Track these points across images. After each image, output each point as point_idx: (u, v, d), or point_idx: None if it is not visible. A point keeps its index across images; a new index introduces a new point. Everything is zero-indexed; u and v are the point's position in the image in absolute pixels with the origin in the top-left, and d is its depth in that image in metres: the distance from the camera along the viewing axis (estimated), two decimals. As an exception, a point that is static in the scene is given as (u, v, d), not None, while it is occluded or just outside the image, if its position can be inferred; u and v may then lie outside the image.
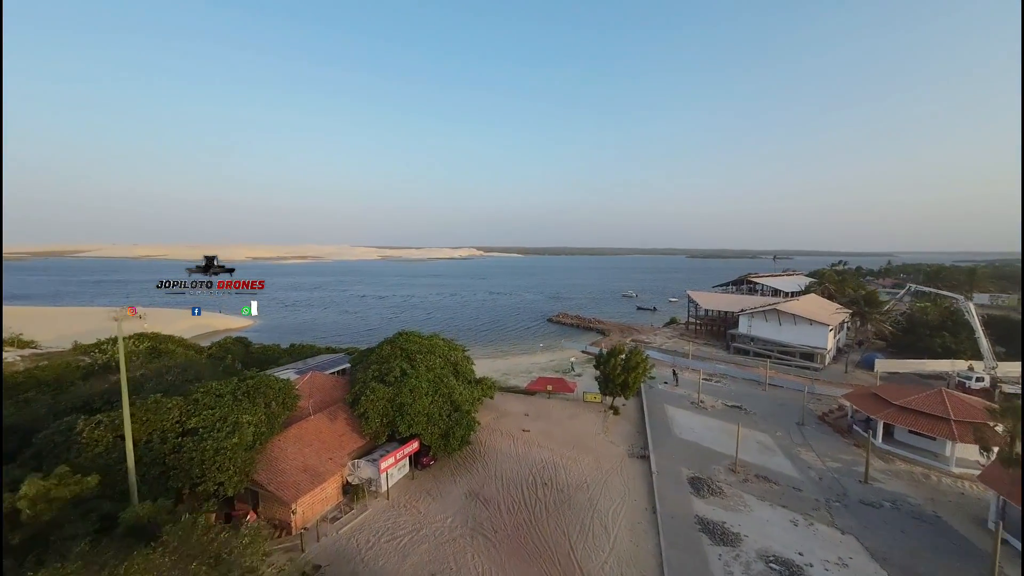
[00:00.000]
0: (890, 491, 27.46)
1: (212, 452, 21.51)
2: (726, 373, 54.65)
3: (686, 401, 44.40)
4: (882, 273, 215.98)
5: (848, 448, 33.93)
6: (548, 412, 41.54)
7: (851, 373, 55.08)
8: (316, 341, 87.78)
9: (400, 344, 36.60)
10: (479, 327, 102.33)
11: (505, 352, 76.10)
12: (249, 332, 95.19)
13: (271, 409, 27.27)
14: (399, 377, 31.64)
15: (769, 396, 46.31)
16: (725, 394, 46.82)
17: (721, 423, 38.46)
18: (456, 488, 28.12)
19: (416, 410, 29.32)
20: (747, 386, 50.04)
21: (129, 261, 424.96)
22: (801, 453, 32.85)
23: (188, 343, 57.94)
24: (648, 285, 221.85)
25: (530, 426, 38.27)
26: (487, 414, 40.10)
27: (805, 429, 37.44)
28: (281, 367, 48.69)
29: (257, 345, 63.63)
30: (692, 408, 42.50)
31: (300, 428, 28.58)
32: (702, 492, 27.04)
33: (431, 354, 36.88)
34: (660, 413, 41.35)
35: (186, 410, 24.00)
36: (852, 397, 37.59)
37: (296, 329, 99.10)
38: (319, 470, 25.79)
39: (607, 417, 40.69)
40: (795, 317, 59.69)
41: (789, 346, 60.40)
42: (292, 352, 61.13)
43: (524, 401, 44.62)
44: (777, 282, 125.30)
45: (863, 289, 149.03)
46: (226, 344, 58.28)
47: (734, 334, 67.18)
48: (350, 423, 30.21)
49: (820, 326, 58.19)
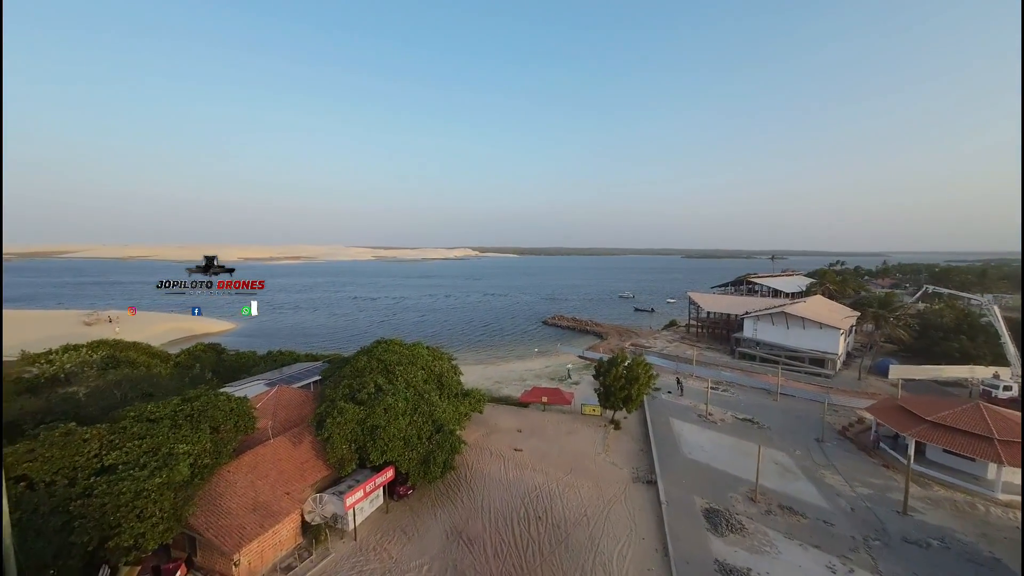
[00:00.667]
0: (935, 525, 24.00)
1: (131, 495, 17.56)
2: (733, 381, 51.22)
3: (692, 414, 40.84)
4: (879, 273, 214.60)
5: (876, 469, 30.49)
6: (543, 427, 37.82)
7: (864, 380, 51.84)
8: (300, 346, 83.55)
9: (378, 355, 32.76)
10: (472, 330, 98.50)
11: (498, 358, 72.33)
12: (231, 336, 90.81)
13: (219, 434, 23.38)
14: (373, 394, 27.80)
15: (781, 407, 42.87)
16: (734, 405, 43.34)
17: (733, 440, 34.91)
18: (436, 524, 24.31)
19: (391, 433, 25.47)
20: (756, 396, 46.58)
21: (118, 262, 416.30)
22: (826, 476, 29.34)
23: (155, 351, 53.60)
24: (645, 286, 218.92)
25: (523, 444, 34.53)
26: (475, 430, 36.34)
27: (826, 446, 33.99)
28: (253, 377, 44.66)
29: (232, 352, 59.45)
30: (700, 422, 38.94)
31: (256, 455, 24.68)
32: (720, 528, 23.42)
33: (412, 365, 33.09)
34: (665, 428, 37.75)
35: (108, 441, 20.03)
36: (877, 410, 34.19)
37: (281, 333, 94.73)
38: (273, 508, 21.88)
39: (607, 433, 37.04)
40: (804, 320, 56.43)
41: (798, 351, 57.13)
42: (270, 359, 57.00)
43: (517, 414, 40.87)
44: (777, 282, 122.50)
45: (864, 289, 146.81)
46: (196, 351, 54.00)
47: (739, 338, 63.86)
48: (317, 447, 26.32)
49: (831, 330, 54.97)
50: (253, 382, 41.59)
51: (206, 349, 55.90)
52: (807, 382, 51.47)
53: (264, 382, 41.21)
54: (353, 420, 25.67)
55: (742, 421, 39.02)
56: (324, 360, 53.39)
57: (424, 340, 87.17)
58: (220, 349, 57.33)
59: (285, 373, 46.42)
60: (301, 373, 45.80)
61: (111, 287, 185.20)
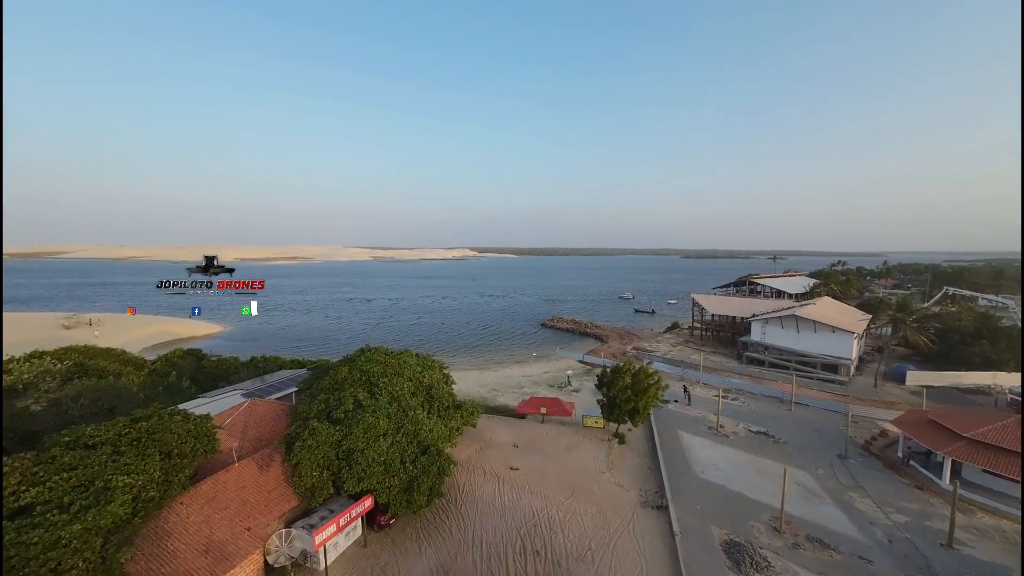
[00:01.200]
0: (986, 561, 21.18)
1: (44, 546, 14.58)
2: (742, 388, 48.38)
3: (702, 426, 37.99)
4: (881, 273, 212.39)
5: (909, 491, 27.68)
6: (541, 441, 34.93)
7: (881, 387, 49.08)
8: (290, 350, 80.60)
9: (360, 365, 29.81)
10: (469, 333, 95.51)
11: (495, 363, 69.37)
12: (218, 340, 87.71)
13: (172, 461, 20.42)
14: (351, 412, 24.84)
15: (796, 418, 40.05)
16: (745, 415, 40.52)
17: (749, 456, 32.06)
18: (421, 562, 21.39)
19: (370, 458, 22.52)
20: (768, 405, 43.76)
21: (114, 263, 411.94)
22: (855, 500, 26.51)
23: (129, 357, 50.48)
24: (644, 286, 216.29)
25: (520, 461, 31.63)
26: (468, 446, 33.46)
27: (850, 463, 31.17)
28: (230, 387, 41.70)
29: (214, 357, 56.41)
30: (710, 435, 36.09)
31: (216, 483, 21.69)
32: (743, 567, 20.55)
33: (398, 376, 30.15)
34: (674, 442, 34.90)
35: (32, 474, 17.06)
36: (905, 424, 31.41)
37: (271, 336, 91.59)
38: (229, 549, 18.91)
39: (611, 447, 34.17)
40: (815, 324, 53.65)
41: (809, 356, 54.34)
42: (253, 366, 53.95)
43: (514, 427, 37.97)
44: (780, 283, 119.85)
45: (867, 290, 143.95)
46: (174, 358, 50.97)
47: (746, 342, 61.07)
48: (287, 472, 23.32)
49: (844, 334, 52.17)
50: (228, 393, 38.60)
51: (185, 355, 52.88)
52: (820, 389, 48.69)
53: (241, 392, 38.24)
54: (327, 443, 22.72)
55: (756, 434, 36.17)
56: (310, 366, 50.46)
57: (419, 343, 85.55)
58: (200, 355, 54.32)
59: (267, 381, 43.40)
60: (284, 382, 42.77)
61: (102, 288, 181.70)
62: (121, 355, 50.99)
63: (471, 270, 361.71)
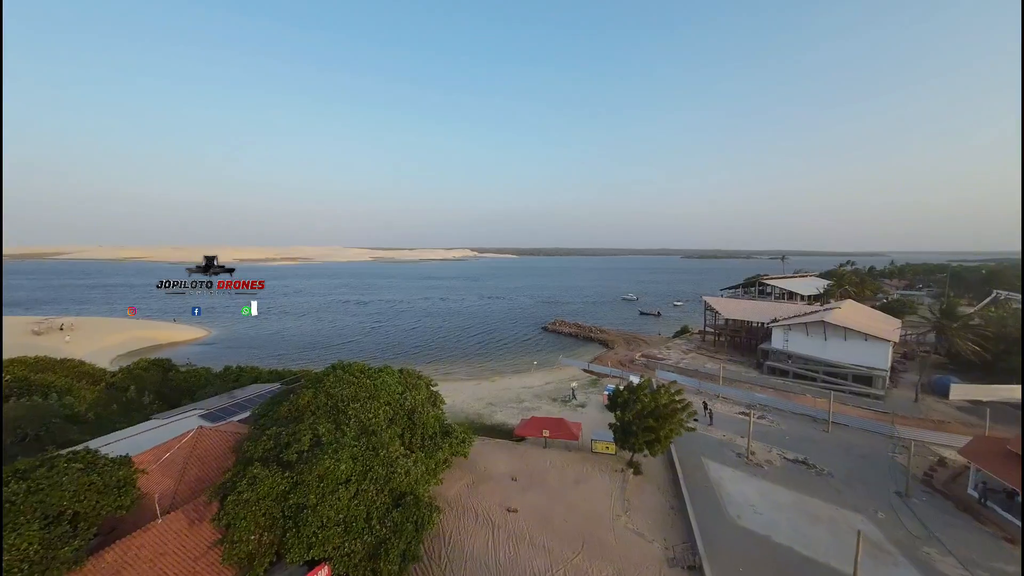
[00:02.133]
0: None
1: None
2: (767, 404, 43.31)
3: (729, 452, 32.96)
4: (891, 274, 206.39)
5: (996, 544, 22.59)
6: (544, 473, 29.92)
7: (922, 402, 43.99)
8: (275, 358, 75.66)
9: (328, 387, 24.90)
10: (466, 339, 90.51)
11: (493, 372, 64.39)
12: (199, 346, 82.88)
13: (59, 528, 15.49)
14: (307, 452, 19.89)
15: (835, 441, 34.99)
16: (777, 438, 35.46)
17: (792, 495, 27.01)
18: (388, 655, 16.42)
19: (324, 516, 17.58)
20: (800, 424, 38.70)
21: (113, 263, 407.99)
22: (934, 559, 21.43)
23: (86, 369, 45.71)
24: (648, 287, 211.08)
25: (519, 500, 26.63)
26: (458, 479, 28.48)
27: (913, 504, 26.10)
28: (187, 408, 36.57)
29: (184, 367, 51.57)
30: (741, 464, 31.05)
31: (124, 551, 16.71)
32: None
33: (373, 400, 25.24)
34: (698, 473, 29.87)
35: None
36: (976, 455, 26.37)
37: (257, 342, 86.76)
38: (122, 655, 13.97)
39: (626, 480, 29.16)
40: (846, 330, 48.57)
41: (839, 366, 49.25)
42: (225, 378, 48.99)
43: (513, 452, 32.97)
44: (791, 284, 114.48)
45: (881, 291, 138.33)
46: (136, 370, 46.09)
47: (767, 350, 55.99)
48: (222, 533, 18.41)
49: (878, 342, 47.09)
50: (187, 413, 33.46)
51: (150, 366, 47.97)
52: (854, 405, 43.59)
53: (199, 413, 33.06)
54: (270, 495, 17.77)
55: (794, 463, 31.10)
56: (289, 378, 45.61)
57: (415, 350, 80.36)
58: (168, 365, 49.35)
59: (236, 398, 38.26)
60: (253, 399, 37.63)
61: (93, 290, 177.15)
62: (77, 367, 46.18)
63: (471, 271, 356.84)
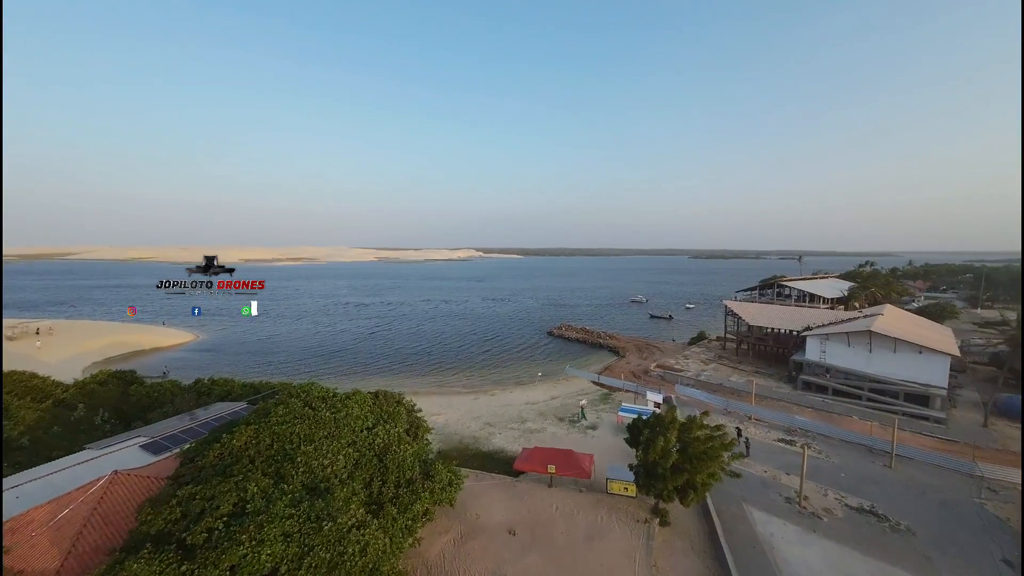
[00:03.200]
0: None
1: None
2: (809, 428, 37.27)
3: (775, 494, 27.06)
4: (913, 274, 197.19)
5: None
6: (550, 523, 24.27)
7: (993, 427, 37.71)
8: (260, 367, 70.04)
9: (274, 425, 19.48)
10: (467, 345, 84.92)
11: (494, 383, 58.74)
12: (184, 352, 78.09)
13: None
14: (222, 529, 14.38)
15: (904, 480, 28.92)
16: (830, 475, 29.45)
17: (868, 561, 21.02)
18: None
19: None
20: (854, 456, 32.63)
21: (119, 264, 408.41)
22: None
23: (33, 384, 40.55)
24: (657, 288, 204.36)
25: (517, 566, 20.98)
26: (442, 532, 22.95)
27: (1030, 579, 20.11)
28: (128, 435, 31.21)
29: (151, 379, 46.59)
30: (792, 513, 25.14)
31: None
32: None
33: (334, 440, 19.77)
34: (742, 527, 24.02)
35: None
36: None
37: (245, 348, 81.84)
38: None
39: (651, 534, 23.40)
40: (896, 341, 42.35)
41: (888, 382, 43.03)
42: (195, 391, 43.75)
43: (510, 493, 27.34)
44: (812, 286, 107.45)
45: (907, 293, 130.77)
46: (91, 383, 41.11)
47: (800, 362, 49.81)
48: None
49: (935, 355, 40.82)
50: (123, 443, 27.99)
51: (109, 379, 43.01)
52: (911, 430, 37.40)
53: (141, 444, 27.62)
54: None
55: (860, 513, 25.12)
56: (266, 392, 40.52)
57: (412, 358, 74.20)
58: (130, 378, 44.28)
59: (199, 418, 32.86)
60: (213, 421, 32.27)
61: (91, 291, 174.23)
62: (25, 380, 41.20)
63: (476, 271, 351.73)
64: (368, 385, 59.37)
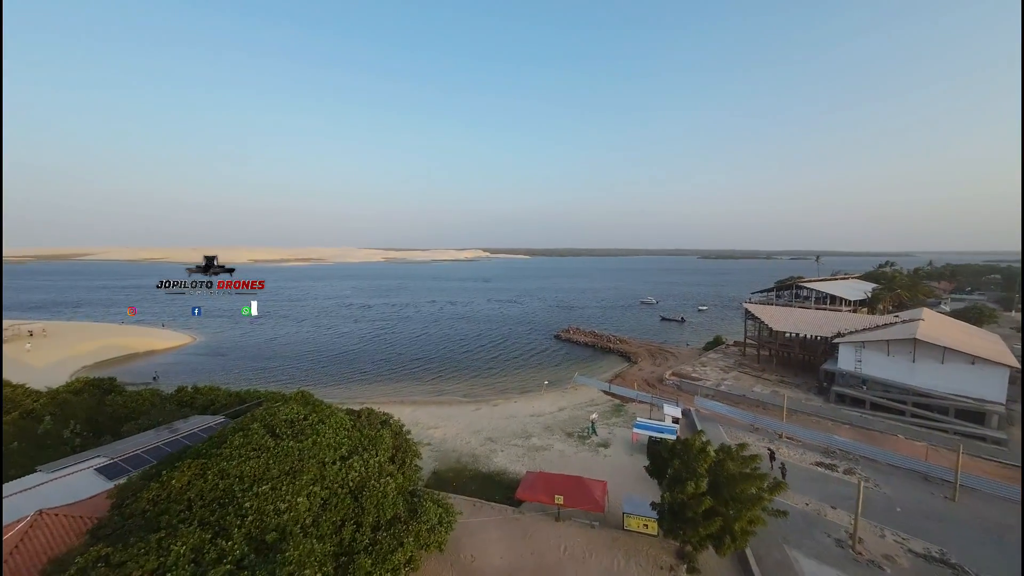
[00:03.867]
0: None
1: None
2: (849, 450, 33.06)
3: (823, 535, 23.07)
4: (940, 275, 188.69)
5: None
6: (557, 571, 20.56)
7: (1060, 449, 33.14)
8: (255, 373, 66.96)
9: (223, 462, 16.09)
10: (471, 349, 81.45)
11: (497, 392, 55.10)
12: (178, 354, 75.67)
13: None
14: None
15: (972, 517, 24.75)
16: (883, 510, 25.34)
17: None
18: None
19: None
20: (908, 485, 28.43)
21: (129, 265, 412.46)
22: None
23: (5, 393, 37.99)
24: (667, 289, 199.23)
25: (518, 628, 17.37)
26: (428, 589, 19.36)
27: None
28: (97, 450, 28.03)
29: (131, 387, 43.72)
30: (847, 561, 21.11)
31: None
32: None
33: (295, 478, 16.34)
34: (786, 577, 20.14)
35: None
36: None
37: (241, 351, 79.22)
38: None
39: (678, 586, 19.62)
40: (944, 350, 37.96)
41: (935, 396, 38.66)
42: (178, 399, 40.67)
43: (511, 529, 23.71)
44: (832, 288, 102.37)
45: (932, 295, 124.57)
46: (64, 393, 38.28)
47: (832, 371, 45.49)
48: None
49: (991, 367, 36.39)
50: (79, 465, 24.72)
51: (85, 387, 40.05)
52: (968, 452, 33.00)
53: (99, 464, 24.30)
54: None
55: (928, 561, 21.05)
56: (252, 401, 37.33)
57: (412, 363, 70.86)
58: (109, 386, 41.29)
59: (164, 436, 29.60)
60: (187, 437, 29.03)
61: (98, 292, 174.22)
62: None
63: (483, 271, 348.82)
64: (364, 394, 56.45)
